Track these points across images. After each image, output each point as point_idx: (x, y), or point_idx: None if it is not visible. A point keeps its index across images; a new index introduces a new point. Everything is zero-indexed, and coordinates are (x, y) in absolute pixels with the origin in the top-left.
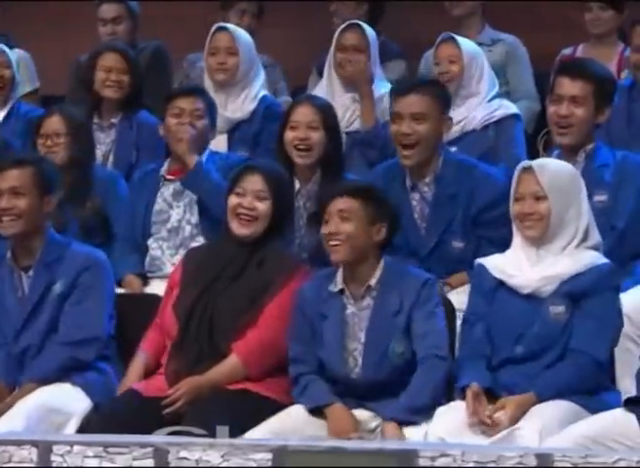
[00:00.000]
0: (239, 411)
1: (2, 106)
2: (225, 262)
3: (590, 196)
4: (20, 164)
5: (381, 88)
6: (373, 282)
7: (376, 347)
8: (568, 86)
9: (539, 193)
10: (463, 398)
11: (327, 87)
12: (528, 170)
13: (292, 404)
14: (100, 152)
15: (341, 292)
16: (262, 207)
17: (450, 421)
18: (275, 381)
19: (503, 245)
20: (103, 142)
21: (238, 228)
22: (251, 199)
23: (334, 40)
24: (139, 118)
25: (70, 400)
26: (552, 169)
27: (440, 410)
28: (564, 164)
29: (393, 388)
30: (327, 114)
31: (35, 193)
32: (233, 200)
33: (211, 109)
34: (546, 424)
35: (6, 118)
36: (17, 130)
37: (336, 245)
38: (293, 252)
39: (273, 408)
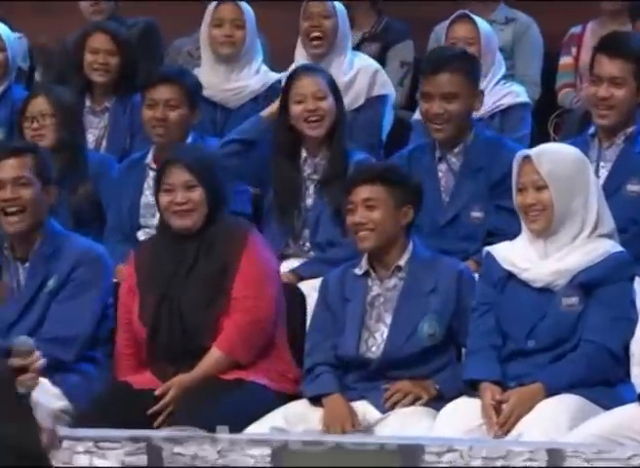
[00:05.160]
0: (234, 404)
1: None
2: (177, 259)
3: (622, 185)
4: (19, 153)
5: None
6: (402, 263)
7: (403, 327)
8: (607, 66)
9: (538, 182)
10: (472, 391)
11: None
12: (527, 159)
13: (288, 391)
14: (92, 137)
15: (366, 273)
16: (195, 196)
17: (460, 423)
18: (268, 366)
19: None
20: (97, 127)
21: (178, 222)
22: (181, 192)
23: (301, 10)
24: (133, 102)
25: (46, 396)
26: (552, 156)
27: (447, 409)
28: (568, 150)
29: (411, 369)
30: (330, 80)
31: (38, 183)
32: (164, 198)
33: (191, 93)
34: (555, 421)
35: None
36: (4, 115)
37: (364, 235)
38: (233, 219)
39: (270, 396)
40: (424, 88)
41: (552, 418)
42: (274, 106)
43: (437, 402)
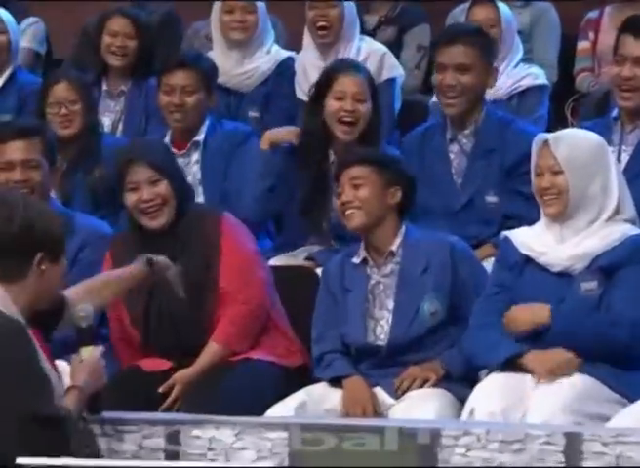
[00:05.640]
0: (244, 383)
1: None
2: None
3: None
4: (28, 134)
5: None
6: (394, 247)
7: (406, 310)
8: (631, 45)
9: (554, 167)
10: (504, 369)
11: (306, 52)
12: (546, 143)
13: (294, 363)
14: (109, 120)
15: (364, 262)
16: (162, 190)
17: (503, 398)
18: (272, 343)
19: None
20: (113, 110)
21: (149, 222)
22: (147, 188)
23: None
24: (149, 85)
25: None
26: (569, 141)
27: (482, 385)
28: (586, 135)
29: (421, 352)
30: (370, 82)
31: (46, 165)
32: (131, 197)
33: (207, 77)
34: (564, 401)
35: (2, 87)
36: (11, 101)
37: (351, 212)
38: (201, 208)
39: (277, 371)
40: (439, 58)
41: (559, 398)
42: (281, 131)
43: (446, 381)
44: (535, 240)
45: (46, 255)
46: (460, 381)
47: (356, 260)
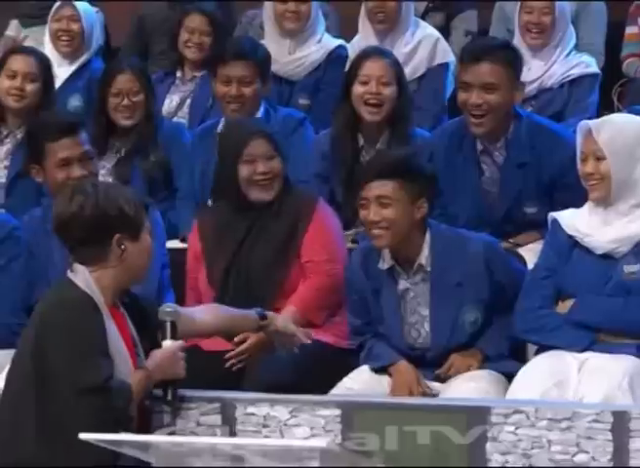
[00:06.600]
0: (303, 365)
1: (72, 61)
2: (246, 225)
3: None
4: (78, 129)
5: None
6: (423, 260)
7: (444, 321)
8: None
9: (597, 153)
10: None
11: (362, 39)
12: (589, 129)
13: (346, 346)
14: (177, 98)
15: (391, 268)
16: (275, 165)
17: (547, 380)
18: (336, 325)
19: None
20: (182, 90)
21: (260, 194)
22: (263, 162)
23: None
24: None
25: None
26: (612, 127)
27: (523, 371)
28: (629, 120)
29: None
30: (398, 68)
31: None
32: (245, 169)
33: (263, 67)
34: (612, 383)
35: (74, 73)
36: (82, 84)
37: (379, 233)
38: (300, 189)
39: (330, 354)
40: (463, 77)
41: (613, 378)
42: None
43: (487, 363)
44: (581, 221)
45: (124, 235)
46: (504, 359)
47: (382, 266)
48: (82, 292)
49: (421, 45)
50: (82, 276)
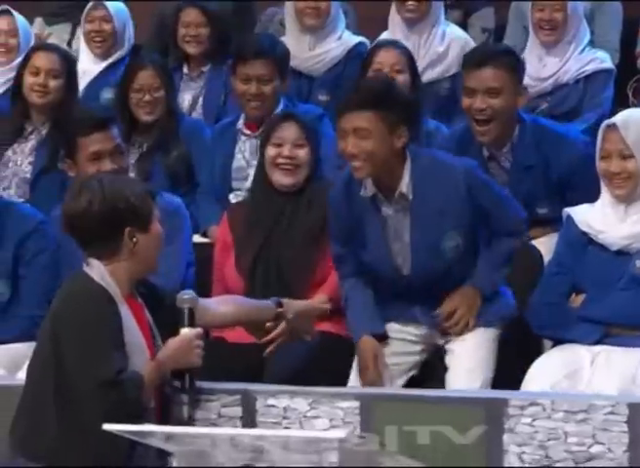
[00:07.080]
0: (320, 359)
1: (103, 59)
2: (275, 213)
3: None
4: (110, 124)
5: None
6: (404, 188)
7: (424, 245)
8: None
9: (624, 151)
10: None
11: (391, 32)
12: (612, 126)
13: None
14: (189, 97)
15: (374, 195)
16: (302, 153)
17: (560, 372)
18: None
19: None
20: (193, 88)
21: (281, 178)
22: (290, 147)
23: None
24: (227, 67)
25: None
26: (638, 123)
27: (536, 364)
28: None
29: (447, 283)
30: (409, 57)
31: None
32: (272, 151)
33: (282, 64)
34: (626, 375)
35: (108, 68)
36: (113, 81)
37: (358, 165)
38: (328, 180)
39: (341, 346)
40: (467, 83)
41: (623, 364)
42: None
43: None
44: (595, 218)
45: (134, 228)
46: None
47: (365, 194)
48: (97, 284)
49: (452, 46)
50: (97, 270)
